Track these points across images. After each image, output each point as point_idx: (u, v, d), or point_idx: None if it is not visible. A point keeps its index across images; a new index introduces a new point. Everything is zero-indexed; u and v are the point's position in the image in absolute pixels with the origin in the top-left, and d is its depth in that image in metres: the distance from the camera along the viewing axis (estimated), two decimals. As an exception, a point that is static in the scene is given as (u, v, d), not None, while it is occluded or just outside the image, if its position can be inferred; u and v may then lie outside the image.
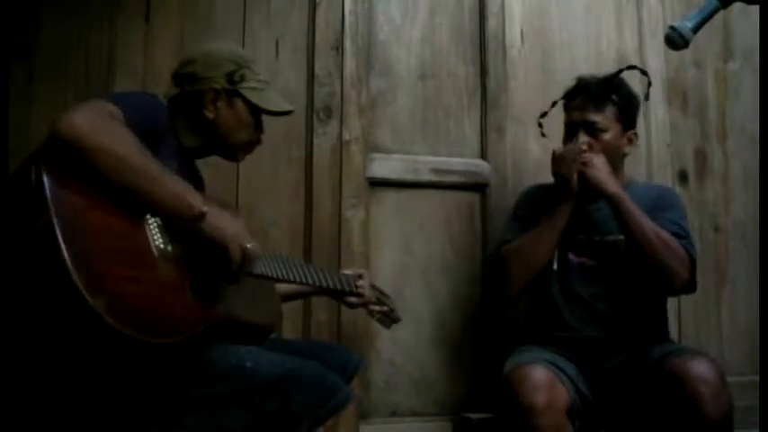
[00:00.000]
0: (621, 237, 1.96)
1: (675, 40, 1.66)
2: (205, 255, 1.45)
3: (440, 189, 2.45)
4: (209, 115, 1.67)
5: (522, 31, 2.59)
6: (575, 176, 1.96)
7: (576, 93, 2.08)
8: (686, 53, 2.63)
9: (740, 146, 2.81)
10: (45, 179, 1.24)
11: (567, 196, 1.99)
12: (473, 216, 2.48)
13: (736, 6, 1.65)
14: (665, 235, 1.87)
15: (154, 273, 1.35)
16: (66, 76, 2.16)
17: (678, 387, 1.65)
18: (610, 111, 2.02)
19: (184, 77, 1.69)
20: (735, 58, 2.86)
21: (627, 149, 2.08)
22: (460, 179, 2.46)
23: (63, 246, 1.19)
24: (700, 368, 1.66)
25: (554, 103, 2.12)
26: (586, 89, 2.05)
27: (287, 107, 1.79)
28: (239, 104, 1.70)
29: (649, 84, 2.04)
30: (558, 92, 2.15)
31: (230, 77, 1.68)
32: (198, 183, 1.78)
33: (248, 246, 1.45)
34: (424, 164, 2.43)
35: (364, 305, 1.95)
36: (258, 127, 1.77)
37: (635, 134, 2.09)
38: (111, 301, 1.21)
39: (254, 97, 1.70)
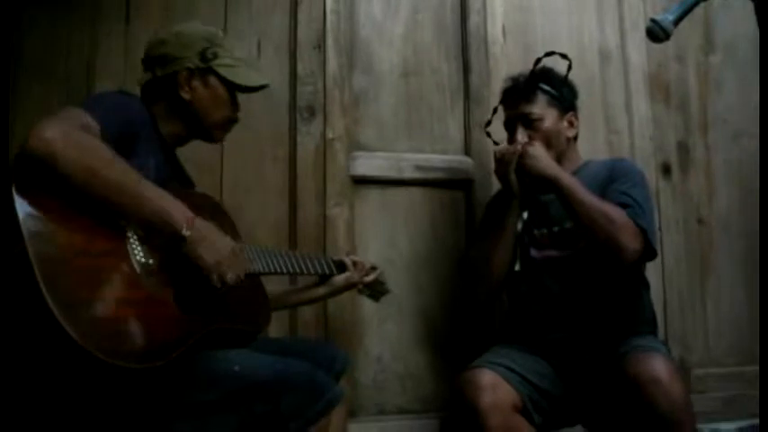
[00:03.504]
0: None
1: (656, 33, 1.66)
2: (187, 262, 1.43)
3: (424, 186, 2.45)
4: (186, 96, 1.66)
5: (503, 27, 2.59)
6: (513, 176, 1.97)
7: (507, 91, 2.12)
8: (668, 47, 2.64)
9: (722, 138, 2.82)
10: (17, 201, 1.21)
11: (511, 195, 2.01)
12: (458, 212, 2.48)
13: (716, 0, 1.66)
14: (609, 207, 1.86)
15: (136, 291, 1.33)
16: (47, 77, 2.15)
17: (633, 388, 1.68)
18: (541, 99, 2.05)
19: (156, 60, 1.67)
20: (716, 51, 2.87)
21: (570, 133, 2.10)
22: (444, 176, 2.46)
23: (40, 276, 1.17)
24: (650, 369, 1.68)
25: (495, 110, 2.14)
26: (515, 85, 2.10)
27: (262, 81, 1.77)
28: (214, 82, 1.69)
29: (569, 66, 2.05)
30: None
31: (203, 55, 1.66)
32: (181, 175, 1.77)
33: (228, 277, 1.43)
34: (407, 161, 2.43)
35: (352, 285, 1.97)
36: (234, 103, 1.75)
37: (575, 116, 2.11)
38: (93, 331, 1.20)
39: (228, 74, 1.69)
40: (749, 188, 2.80)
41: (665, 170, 2.72)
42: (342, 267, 1.95)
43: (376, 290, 2.07)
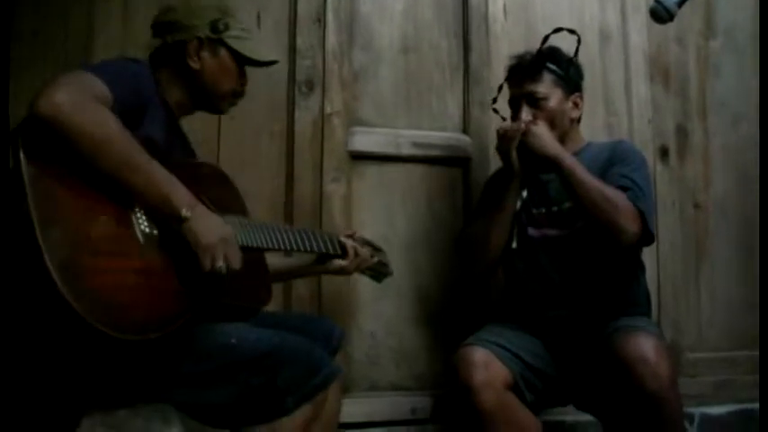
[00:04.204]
0: None
1: (660, 14, 1.66)
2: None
3: (422, 163, 2.44)
4: (194, 65, 1.65)
5: (504, 5, 2.58)
6: (514, 153, 1.97)
7: (513, 69, 2.11)
8: (668, 30, 2.63)
9: (720, 123, 2.82)
10: (23, 162, 1.20)
11: (512, 173, 2.01)
12: (455, 191, 2.48)
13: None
14: (609, 190, 1.86)
15: (138, 261, 1.32)
16: (44, 44, 2.11)
17: (621, 367, 1.69)
18: (548, 78, 2.04)
19: (166, 26, 1.66)
20: (716, 35, 2.87)
21: (574, 114, 2.09)
22: (442, 153, 2.45)
23: (41, 240, 1.16)
24: (638, 348, 1.69)
25: (500, 87, 2.14)
26: (521, 63, 2.08)
27: (271, 57, 1.77)
28: (224, 54, 1.68)
29: (578, 43, 2.05)
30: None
31: (214, 26, 1.65)
32: (185, 145, 1.76)
33: (218, 265, 1.40)
34: (406, 138, 2.42)
35: (345, 273, 1.94)
36: (242, 76, 1.74)
37: (580, 97, 2.10)
38: (92, 300, 1.19)
39: (239, 46, 1.68)
40: (746, 173, 2.80)
41: (663, 154, 2.72)
42: (341, 247, 1.91)
43: (379, 271, 2.05)
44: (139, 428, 1.37)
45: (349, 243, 1.91)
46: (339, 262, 1.90)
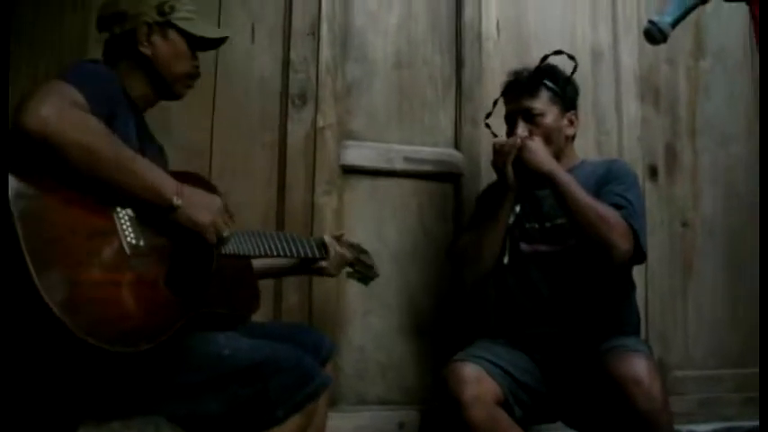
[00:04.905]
0: None
1: (654, 35, 1.68)
2: (178, 243, 1.44)
3: (413, 178, 2.45)
4: (146, 51, 1.64)
5: (498, 22, 2.60)
6: (509, 168, 1.98)
7: (510, 85, 2.13)
8: (659, 50, 2.66)
9: (709, 143, 2.84)
10: (10, 179, 1.20)
11: (506, 187, 2.02)
12: (446, 205, 2.48)
13: (709, 5, 1.67)
14: (602, 207, 1.87)
15: (126, 272, 1.33)
16: (41, 46, 2.12)
17: (614, 387, 1.70)
18: (544, 95, 2.06)
19: (112, 18, 1.65)
20: (706, 56, 2.90)
21: (569, 131, 2.11)
22: (434, 168, 2.46)
23: (28, 256, 1.16)
24: (632, 369, 1.70)
25: (495, 102, 2.15)
26: (518, 79, 2.10)
27: (222, 33, 1.77)
28: (173, 36, 1.67)
29: (575, 66, 2.06)
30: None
31: (160, 9, 1.65)
32: (151, 140, 1.75)
33: (224, 232, 1.46)
34: (397, 152, 2.43)
35: (327, 274, 1.95)
36: (195, 57, 1.73)
37: (575, 115, 2.12)
38: (82, 314, 1.19)
39: (187, 26, 1.68)
40: (734, 192, 2.82)
41: (652, 172, 2.74)
42: (324, 249, 1.91)
43: (364, 274, 2.05)
44: (134, 439, 1.37)
45: (330, 243, 1.92)
46: (322, 263, 1.91)
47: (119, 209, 1.36)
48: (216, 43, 1.78)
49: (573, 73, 2.08)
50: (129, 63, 1.65)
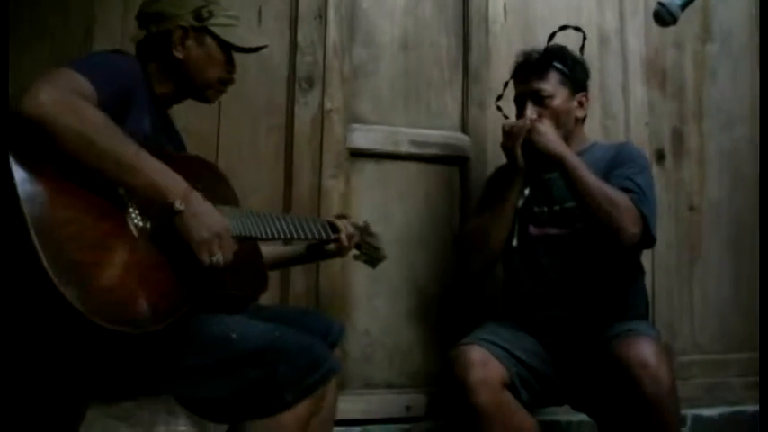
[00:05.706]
0: None
1: (664, 17, 1.67)
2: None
3: (420, 161, 2.44)
4: (179, 55, 1.63)
5: (505, 5, 2.59)
6: (518, 150, 1.97)
7: (519, 67, 2.11)
8: (666, 34, 2.65)
9: (716, 127, 2.83)
10: (13, 163, 1.19)
11: (516, 170, 2.01)
12: (452, 189, 2.48)
13: (717, -12, 1.67)
14: (612, 191, 1.86)
15: (133, 255, 1.32)
16: (44, 34, 2.10)
17: (621, 370, 1.70)
18: (554, 77, 2.04)
19: (150, 16, 1.64)
20: (713, 40, 2.88)
21: (579, 113, 2.10)
22: (440, 152, 2.46)
23: (36, 239, 1.15)
24: (639, 352, 1.71)
25: (506, 84, 2.14)
26: (528, 61, 2.08)
27: (260, 43, 1.75)
28: (209, 42, 1.66)
29: (583, 40, 2.06)
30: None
31: (198, 14, 1.64)
32: (173, 136, 1.75)
33: (214, 258, 1.41)
34: (404, 135, 2.42)
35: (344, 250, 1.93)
36: (230, 63, 1.72)
37: (585, 96, 2.10)
38: (90, 295, 1.19)
39: (223, 34, 1.66)
40: (741, 176, 2.82)
41: (659, 157, 2.73)
42: (333, 229, 1.90)
43: (372, 256, 2.04)
44: (145, 420, 1.36)
45: (339, 223, 1.90)
46: (331, 245, 1.90)
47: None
48: (253, 50, 1.75)
49: (582, 47, 2.06)
50: (161, 63, 1.64)
